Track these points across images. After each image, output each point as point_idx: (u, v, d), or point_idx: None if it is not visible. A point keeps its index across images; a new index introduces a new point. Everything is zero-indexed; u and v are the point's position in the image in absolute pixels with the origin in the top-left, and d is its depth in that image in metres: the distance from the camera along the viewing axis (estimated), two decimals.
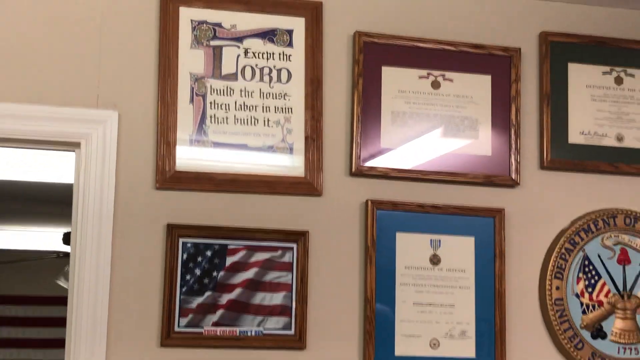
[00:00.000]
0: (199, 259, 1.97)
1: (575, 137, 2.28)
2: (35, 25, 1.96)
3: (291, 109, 2.07)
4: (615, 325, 2.21)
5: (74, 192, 1.97)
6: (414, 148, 2.19)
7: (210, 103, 2.02)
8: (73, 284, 1.93)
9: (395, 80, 2.17)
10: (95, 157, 1.92)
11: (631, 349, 2.21)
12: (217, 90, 2.03)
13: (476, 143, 2.22)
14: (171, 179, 1.96)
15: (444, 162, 2.19)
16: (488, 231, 2.16)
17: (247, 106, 2.04)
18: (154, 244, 1.95)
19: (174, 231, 1.94)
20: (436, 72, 2.19)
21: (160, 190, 1.96)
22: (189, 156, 1.99)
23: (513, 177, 2.20)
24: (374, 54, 2.14)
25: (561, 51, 2.29)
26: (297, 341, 1.98)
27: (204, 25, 2.02)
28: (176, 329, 1.92)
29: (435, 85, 2.19)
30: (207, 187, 1.99)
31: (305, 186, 2.06)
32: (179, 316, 1.93)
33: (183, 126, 1.99)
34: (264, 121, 2.04)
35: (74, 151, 1.97)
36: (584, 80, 2.31)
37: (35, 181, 4.07)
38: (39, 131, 1.89)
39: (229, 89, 2.03)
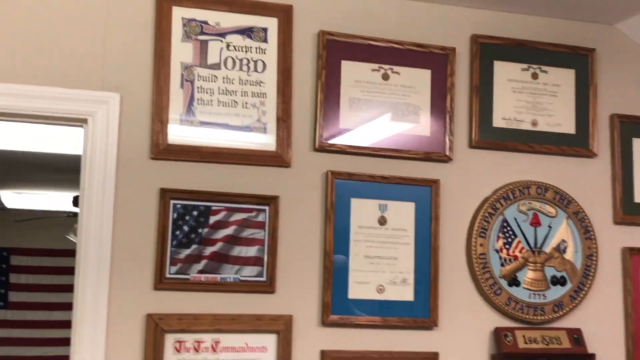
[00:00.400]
0: (187, 217, 1.99)
1: (498, 122, 2.32)
2: (52, 21, 1.97)
3: (265, 94, 2.08)
4: (527, 275, 2.27)
5: (82, 161, 1.98)
6: (366, 129, 2.21)
7: (198, 88, 2.03)
8: (81, 238, 1.95)
9: (352, 72, 2.19)
10: (100, 132, 1.94)
11: (539, 295, 2.25)
12: (203, 77, 2.04)
13: (417, 126, 2.25)
14: (164, 151, 1.98)
15: (391, 140, 2.21)
16: (426, 198, 2.21)
17: (228, 91, 2.06)
18: (149, 205, 1.97)
19: (166, 194, 1.96)
20: (386, 66, 2.22)
21: (155, 160, 1.99)
22: (179, 132, 2.01)
23: (447, 154, 2.25)
24: (335, 50, 2.16)
25: (488, 51, 2.32)
26: (268, 286, 2.02)
27: (193, 22, 2.04)
28: (167, 275, 1.95)
29: (385, 77, 2.21)
30: (194, 158, 2.01)
31: (276, 159, 2.08)
32: (170, 265, 1.96)
33: (174, 107, 2.01)
34: (243, 104, 2.06)
35: (82, 127, 1.96)
36: (506, 75, 2.34)
37: (50, 152, 4.13)
38: (53, 109, 1.91)
39: (213, 77, 2.05)
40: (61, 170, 4.62)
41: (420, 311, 2.16)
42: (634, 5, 2.26)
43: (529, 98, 2.36)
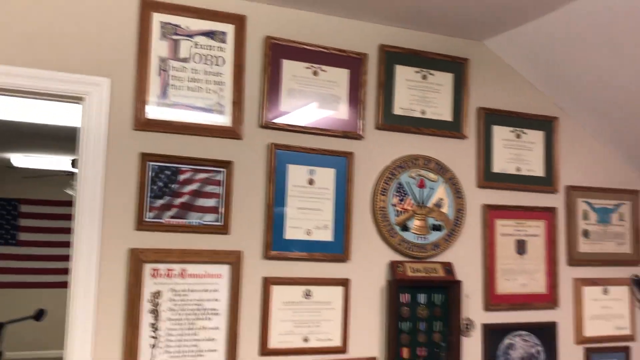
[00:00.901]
0: (161, 175, 2.07)
1: (397, 110, 2.42)
2: (60, 19, 1.99)
3: (224, 82, 2.16)
4: (414, 223, 2.40)
5: (80, 131, 2.03)
6: (300, 112, 2.28)
7: (171, 76, 2.10)
8: (78, 191, 2.01)
9: (290, 69, 2.26)
10: (94, 108, 2.01)
11: (422, 238, 2.40)
12: (175, 68, 2.11)
13: (338, 111, 2.33)
14: (144, 124, 2.06)
15: (318, 122, 2.30)
16: (343, 165, 2.30)
17: (195, 79, 2.13)
18: (131, 166, 2.04)
19: (144, 158, 2.05)
20: (316, 65, 2.30)
21: (136, 131, 2.06)
22: (156, 110, 2.07)
23: (359, 133, 2.34)
24: (277, 51, 2.24)
25: (391, 57, 2.41)
26: (224, 229, 2.13)
27: (169, 25, 2.10)
28: (145, 219, 2.04)
29: (315, 73, 2.30)
30: (167, 130, 2.09)
31: (231, 133, 2.17)
32: (148, 211, 2.05)
33: (152, 90, 2.07)
34: (206, 90, 2.14)
35: (80, 103, 2.02)
36: (404, 75, 2.43)
37: (54, 124, 4.16)
38: (58, 89, 1.97)
39: (183, 68, 2.12)
40: (60, 139, 4.67)
41: (337, 249, 2.28)
42: (495, 27, 2.43)
43: (420, 94, 2.45)
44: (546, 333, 2.58)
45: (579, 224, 2.71)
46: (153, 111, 2.09)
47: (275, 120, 2.26)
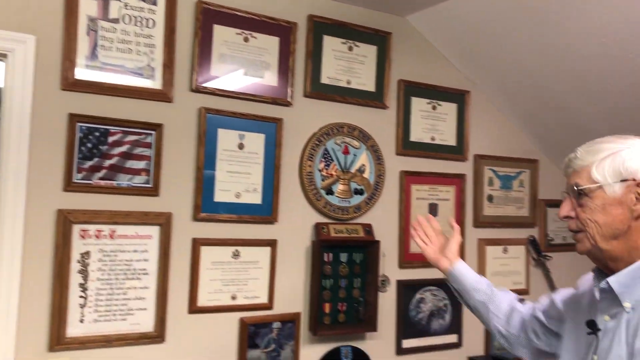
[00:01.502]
0: (90, 137, 2.05)
1: (324, 79, 2.51)
2: None
3: (154, 45, 2.16)
4: (338, 187, 2.52)
5: (3, 90, 1.96)
6: (231, 77, 2.31)
7: (100, 37, 2.06)
8: (2, 152, 1.94)
9: (222, 34, 2.28)
10: (18, 65, 1.94)
11: (345, 201, 2.53)
12: (105, 28, 2.07)
13: (268, 78, 2.38)
14: (72, 84, 2.02)
15: (249, 87, 2.34)
16: (272, 131, 2.37)
17: (125, 41, 2.11)
18: (59, 126, 2.01)
19: (73, 118, 2.02)
20: (247, 31, 2.33)
21: (64, 91, 2.02)
22: (85, 70, 2.04)
23: (288, 100, 2.41)
24: (209, 16, 2.25)
25: (320, 27, 2.49)
26: (154, 191, 2.15)
27: None
28: (74, 180, 2.03)
29: (246, 39, 2.33)
30: (96, 91, 2.06)
31: (161, 95, 2.17)
32: (76, 172, 2.03)
33: (81, 50, 2.03)
34: (136, 52, 2.13)
35: (3, 61, 1.95)
36: (331, 46, 2.52)
37: None
38: None
39: (113, 28, 2.09)
40: None
41: (265, 211, 2.36)
42: (417, 4, 2.57)
43: (346, 64, 2.56)
44: None
45: (484, 189, 2.97)
46: (82, 72, 2.06)
47: (206, 85, 2.28)
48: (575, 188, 1.31)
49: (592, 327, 1.33)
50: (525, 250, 3.11)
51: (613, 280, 1.30)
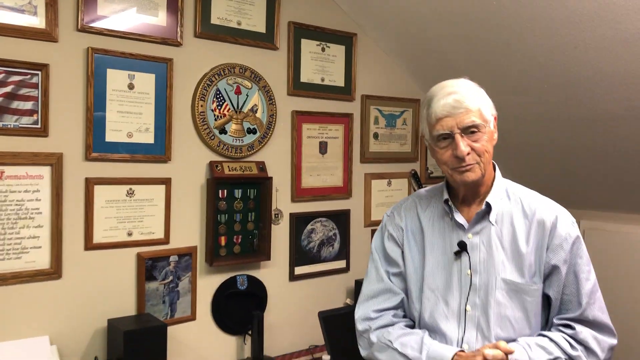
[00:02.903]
0: None
1: (215, 20, 2.56)
2: None
3: None
4: (232, 127, 2.63)
5: None
6: (120, 17, 2.32)
7: None
8: None
9: None
10: None
11: (239, 140, 2.64)
12: None
13: (158, 18, 2.42)
14: None
15: (138, 27, 2.37)
16: (163, 71, 2.42)
17: None
18: None
19: None
20: None
21: None
22: None
23: (179, 40, 2.46)
24: None
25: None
26: (42, 132, 2.18)
27: None
28: None
29: None
30: None
31: (45, 35, 2.17)
32: None
33: None
34: None
35: None
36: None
37: None
38: None
39: None
40: None
41: (159, 150, 2.44)
42: None
43: (235, 5, 2.62)
44: (341, 218, 3.13)
45: (371, 127, 3.23)
46: None
47: (93, 25, 2.29)
48: (473, 125, 1.54)
49: (463, 246, 1.62)
50: (408, 182, 3.43)
51: (491, 200, 1.63)
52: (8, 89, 2.13)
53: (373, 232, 3.28)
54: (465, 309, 1.61)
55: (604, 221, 3.26)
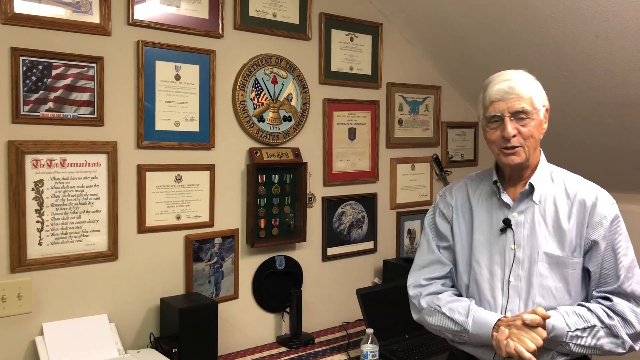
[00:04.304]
0: (34, 70, 2.14)
1: (252, 13, 2.68)
2: None
3: None
4: (269, 115, 2.75)
5: None
6: (166, 11, 2.43)
7: None
8: None
9: None
10: None
11: (275, 127, 2.77)
12: None
13: (200, 11, 2.53)
14: (12, 18, 2.09)
15: (183, 21, 2.49)
16: (207, 62, 2.54)
17: None
18: (2, 61, 2.09)
19: (16, 52, 2.10)
20: None
21: (5, 25, 2.09)
22: (24, 4, 2.12)
23: (220, 32, 2.57)
24: None
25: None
26: (99, 121, 2.30)
27: None
28: (22, 112, 2.13)
29: None
30: (36, 25, 2.14)
31: (100, 29, 2.29)
32: (23, 105, 2.13)
33: None
34: None
35: None
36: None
37: None
38: None
39: None
40: None
41: (203, 138, 2.57)
42: None
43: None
44: (369, 201, 3.29)
45: (395, 114, 3.38)
46: (20, 5, 2.13)
47: (142, 18, 2.42)
48: (522, 110, 1.70)
49: (508, 223, 1.78)
50: (430, 167, 3.60)
51: (534, 181, 1.79)
52: (67, 81, 2.26)
53: (398, 214, 3.46)
54: (509, 280, 1.76)
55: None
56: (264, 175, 2.81)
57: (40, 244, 2.24)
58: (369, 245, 3.30)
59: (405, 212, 3.46)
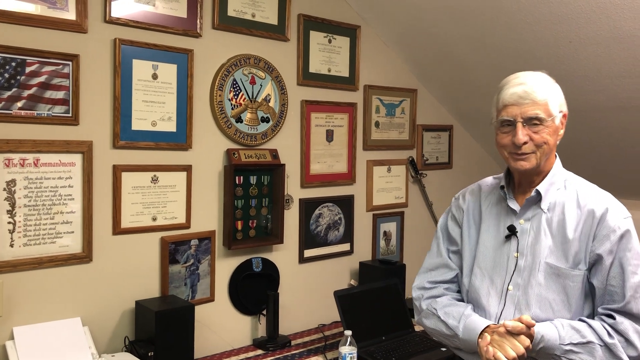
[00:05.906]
0: (7, 67, 2.11)
1: (231, 12, 2.68)
2: None
3: None
4: (247, 116, 2.75)
5: None
6: (143, 9, 2.42)
7: None
8: None
9: None
10: None
11: (253, 128, 2.77)
12: None
13: (179, 10, 2.53)
14: None
15: (160, 19, 2.47)
16: (184, 62, 2.53)
17: None
18: None
19: None
20: None
21: None
22: None
23: (198, 31, 2.57)
24: None
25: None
26: (74, 120, 2.27)
27: None
28: None
29: None
30: (10, 20, 2.11)
31: (76, 26, 2.26)
32: None
33: None
34: None
35: None
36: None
37: None
38: None
39: None
40: None
41: (180, 138, 2.55)
42: None
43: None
44: (346, 203, 3.32)
45: (372, 116, 3.42)
46: None
47: (119, 16, 2.39)
48: (535, 117, 1.63)
49: (512, 230, 1.74)
50: (405, 169, 3.65)
51: (541, 188, 1.72)
52: (42, 78, 2.22)
53: (375, 216, 3.50)
54: (508, 288, 1.72)
55: None
56: (242, 177, 2.82)
57: (12, 245, 2.20)
58: (346, 247, 3.33)
59: (381, 214, 3.50)
